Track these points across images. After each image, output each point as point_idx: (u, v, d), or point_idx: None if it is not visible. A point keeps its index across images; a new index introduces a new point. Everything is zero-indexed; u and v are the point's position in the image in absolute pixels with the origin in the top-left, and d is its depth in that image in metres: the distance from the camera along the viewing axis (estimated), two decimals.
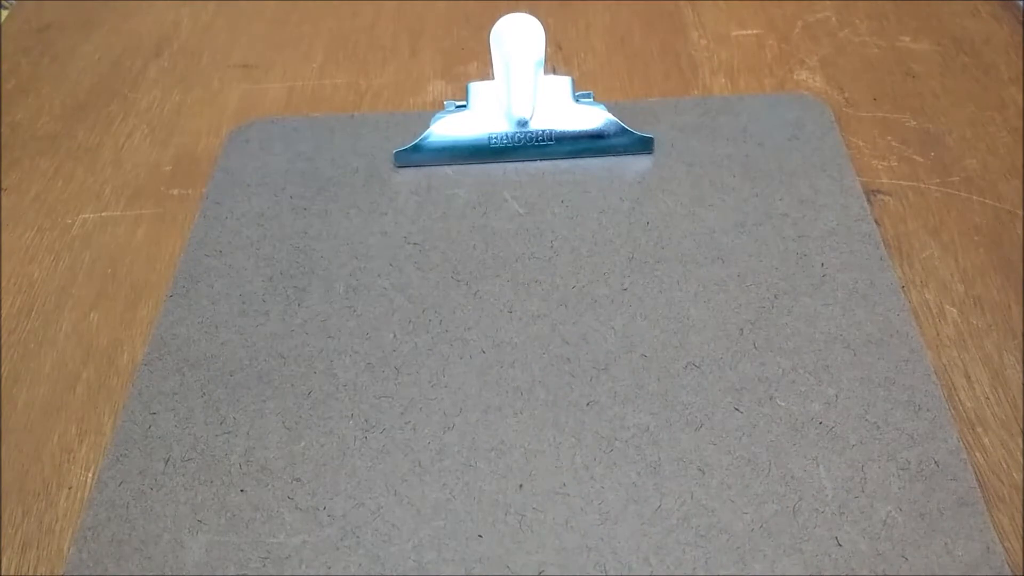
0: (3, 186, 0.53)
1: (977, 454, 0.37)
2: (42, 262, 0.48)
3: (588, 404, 0.39)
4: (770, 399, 0.39)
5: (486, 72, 0.56)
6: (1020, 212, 0.47)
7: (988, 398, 0.39)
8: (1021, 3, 0.61)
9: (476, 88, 0.52)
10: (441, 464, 0.37)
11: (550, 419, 0.39)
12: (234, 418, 0.40)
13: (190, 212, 0.50)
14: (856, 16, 0.61)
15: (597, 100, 0.52)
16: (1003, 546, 0.34)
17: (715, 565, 0.34)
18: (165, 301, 0.45)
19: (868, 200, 0.48)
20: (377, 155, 0.52)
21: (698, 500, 0.36)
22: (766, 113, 0.53)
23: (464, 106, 0.52)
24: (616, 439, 0.38)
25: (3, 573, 0.36)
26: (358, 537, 0.35)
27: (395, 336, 0.43)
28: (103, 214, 0.51)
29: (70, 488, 0.38)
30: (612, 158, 0.51)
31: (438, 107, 0.54)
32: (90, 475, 0.39)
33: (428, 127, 0.51)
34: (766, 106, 0.54)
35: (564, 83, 0.52)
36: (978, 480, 0.36)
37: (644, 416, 0.39)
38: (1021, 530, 0.35)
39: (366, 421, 0.39)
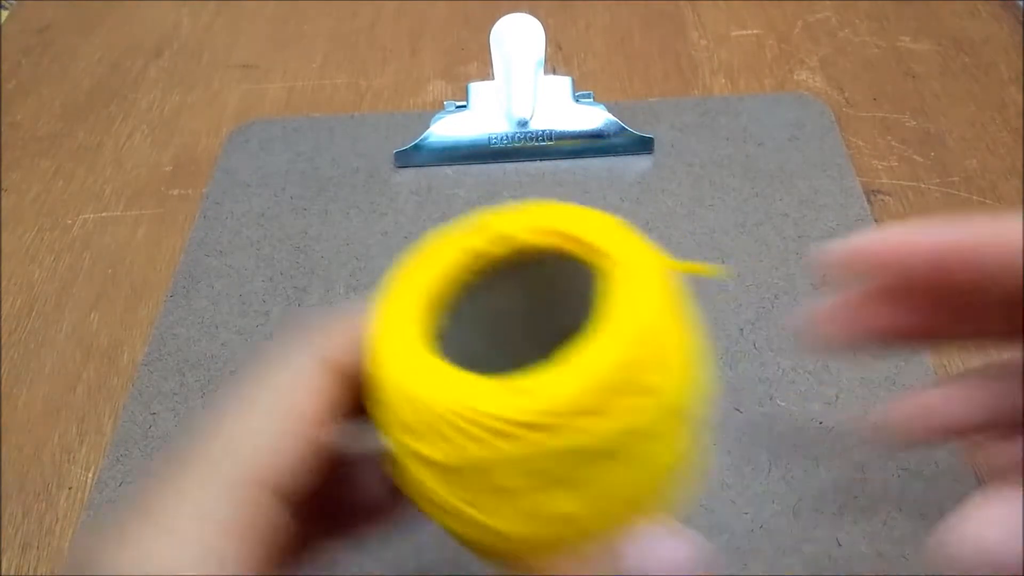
0: (3, 186, 0.53)
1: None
2: (42, 262, 0.48)
3: None
4: (770, 399, 0.39)
5: (486, 72, 0.56)
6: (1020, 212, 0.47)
7: None
8: (1021, 3, 0.61)
9: (476, 88, 0.52)
10: None
11: None
12: None
13: (190, 212, 0.50)
14: (856, 16, 0.61)
15: (597, 100, 0.52)
16: None
17: (715, 565, 0.34)
18: (165, 301, 0.45)
19: (868, 200, 0.48)
20: (377, 155, 0.52)
21: (698, 500, 0.36)
22: (766, 113, 0.53)
23: (464, 106, 0.52)
24: None
25: (3, 573, 0.36)
26: None
27: None
28: (103, 214, 0.51)
29: (70, 488, 0.38)
30: (612, 158, 0.51)
31: (438, 107, 0.54)
32: (90, 475, 0.39)
33: (428, 127, 0.51)
34: (766, 106, 0.54)
35: (564, 83, 0.52)
36: (979, 481, 0.36)
37: None
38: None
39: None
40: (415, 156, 0.51)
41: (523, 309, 0.24)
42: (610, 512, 0.20)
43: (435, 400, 0.19)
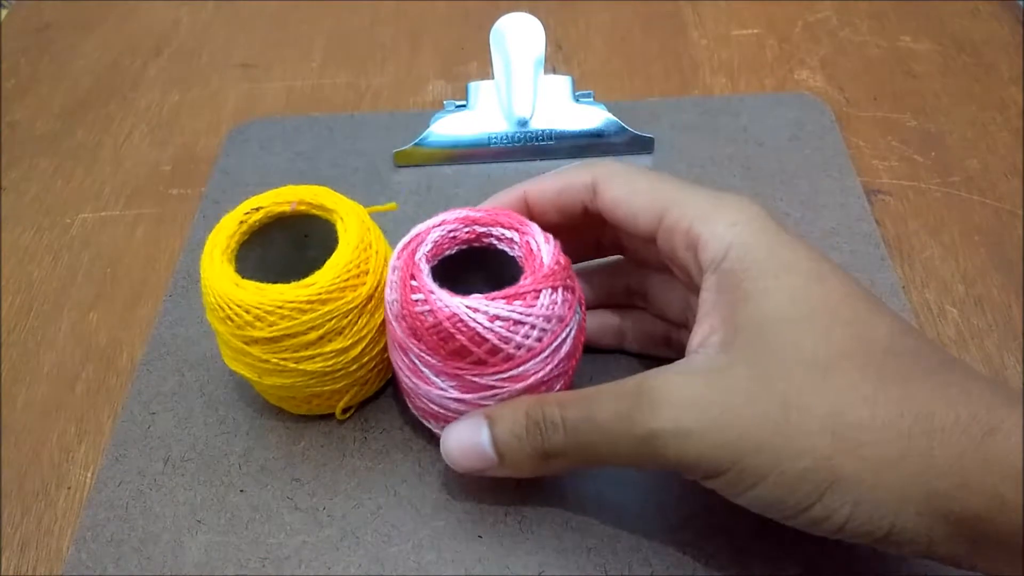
0: (2, 185, 0.53)
1: None
2: (41, 262, 0.48)
3: None
4: None
5: (486, 72, 0.56)
6: (1021, 212, 0.47)
7: None
8: (1021, 3, 0.61)
9: (476, 88, 0.52)
10: (441, 464, 0.37)
11: None
12: (234, 418, 0.40)
13: (189, 212, 0.50)
14: (856, 16, 0.61)
15: (597, 100, 0.52)
16: None
17: (715, 565, 0.34)
18: (164, 301, 0.45)
19: (868, 200, 0.48)
20: (377, 155, 0.52)
21: (699, 500, 0.36)
22: (766, 113, 0.53)
23: (464, 106, 0.52)
24: None
25: (2, 573, 0.36)
26: (358, 537, 0.35)
27: None
28: (102, 214, 0.51)
29: (69, 488, 0.38)
30: (612, 158, 0.51)
31: (438, 107, 0.54)
32: (89, 475, 0.39)
33: (428, 127, 0.51)
34: (766, 106, 0.54)
35: (564, 83, 0.52)
36: None
37: None
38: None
39: (366, 421, 0.39)
40: (415, 156, 0.51)
41: (292, 248, 0.38)
42: (362, 345, 0.34)
43: (258, 300, 0.32)
